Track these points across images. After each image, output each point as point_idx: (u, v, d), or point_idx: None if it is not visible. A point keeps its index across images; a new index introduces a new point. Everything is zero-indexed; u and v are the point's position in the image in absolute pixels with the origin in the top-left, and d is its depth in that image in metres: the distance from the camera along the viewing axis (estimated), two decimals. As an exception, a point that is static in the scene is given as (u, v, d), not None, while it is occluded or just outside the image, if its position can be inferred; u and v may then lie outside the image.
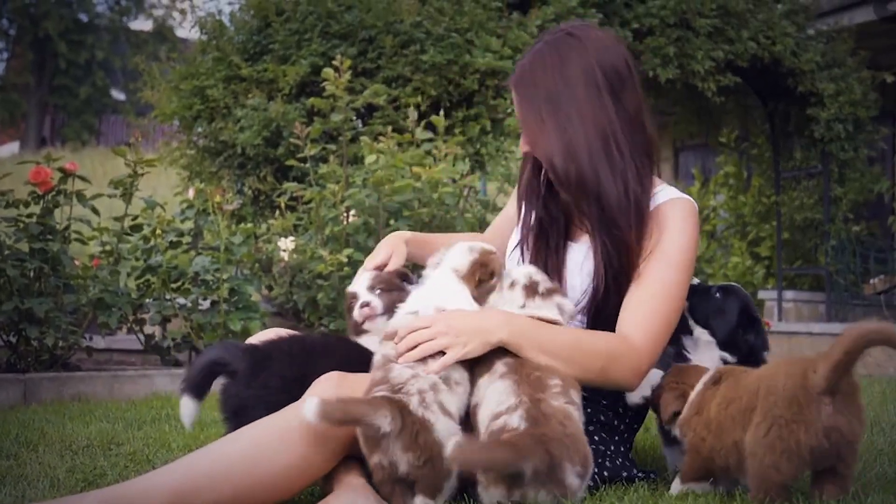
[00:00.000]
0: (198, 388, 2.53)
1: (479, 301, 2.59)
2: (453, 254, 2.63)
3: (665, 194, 2.74)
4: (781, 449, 2.19)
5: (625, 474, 2.64)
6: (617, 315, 2.62)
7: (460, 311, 2.48)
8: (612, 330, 2.61)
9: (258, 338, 2.73)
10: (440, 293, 2.57)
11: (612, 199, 2.61)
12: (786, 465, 2.19)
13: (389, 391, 2.32)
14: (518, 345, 2.43)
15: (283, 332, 2.75)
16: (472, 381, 2.44)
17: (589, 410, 2.64)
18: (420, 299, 2.58)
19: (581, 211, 2.68)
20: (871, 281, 10.21)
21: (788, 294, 10.03)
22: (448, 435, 2.27)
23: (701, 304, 2.76)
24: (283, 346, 2.62)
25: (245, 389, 2.51)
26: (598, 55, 2.66)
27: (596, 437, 2.64)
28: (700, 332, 2.77)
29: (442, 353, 2.39)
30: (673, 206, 2.70)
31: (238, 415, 2.48)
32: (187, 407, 2.51)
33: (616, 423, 2.73)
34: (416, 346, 2.38)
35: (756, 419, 2.25)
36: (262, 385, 2.51)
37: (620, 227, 2.61)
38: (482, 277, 2.59)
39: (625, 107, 2.66)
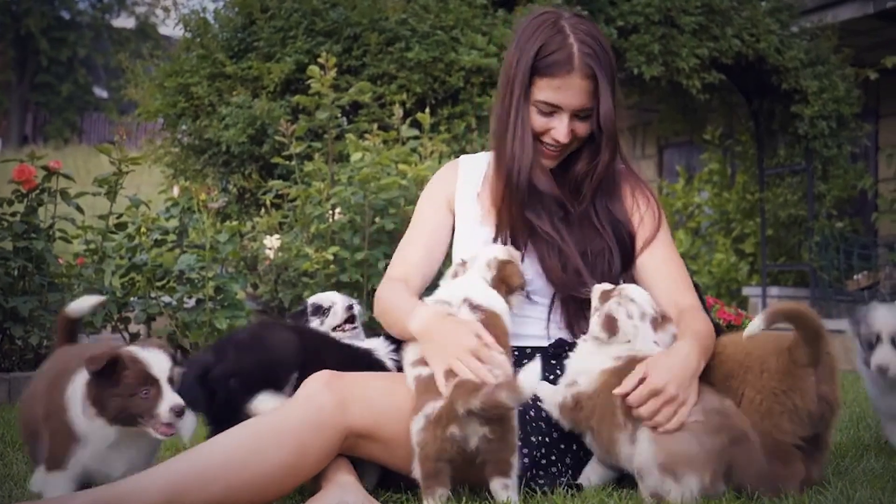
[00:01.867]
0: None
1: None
2: (478, 266, 2.68)
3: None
4: (780, 411, 2.44)
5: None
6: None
7: (668, 361, 2.48)
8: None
9: None
10: (470, 288, 2.63)
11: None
12: (787, 424, 2.43)
13: None
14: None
15: None
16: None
17: None
18: (449, 291, 2.65)
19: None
20: (855, 277, 10.26)
21: (773, 290, 10.06)
22: None
23: None
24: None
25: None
26: None
27: (575, 445, 2.65)
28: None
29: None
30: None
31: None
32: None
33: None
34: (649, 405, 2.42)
35: (749, 393, 2.49)
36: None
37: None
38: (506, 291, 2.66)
39: None
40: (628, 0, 8.49)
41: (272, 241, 6.87)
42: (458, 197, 2.97)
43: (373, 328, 3.22)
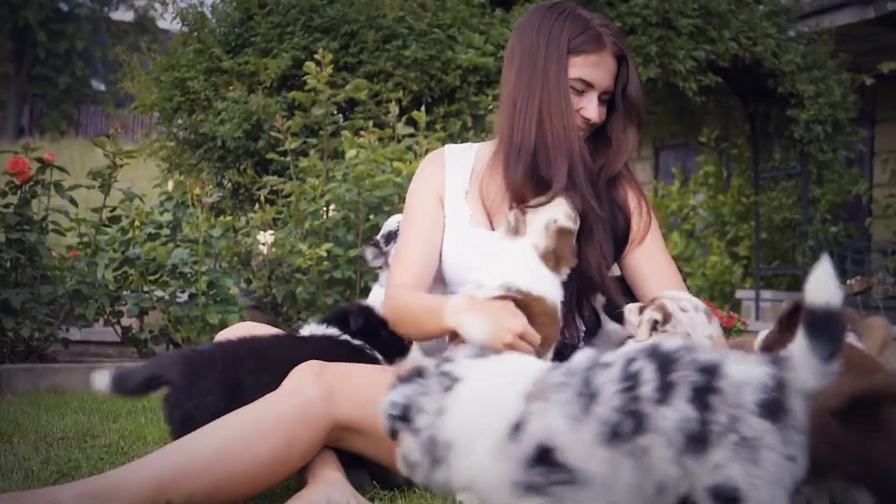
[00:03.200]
0: (129, 390, 2.55)
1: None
2: (534, 229, 2.53)
3: None
4: None
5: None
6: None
7: None
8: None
9: (232, 331, 2.72)
10: (514, 268, 2.50)
11: None
12: None
13: None
14: None
15: (257, 326, 2.74)
16: None
17: None
18: (489, 270, 2.53)
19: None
20: (848, 282, 10.27)
21: (766, 294, 10.08)
22: None
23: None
24: (222, 351, 2.55)
25: (186, 399, 2.46)
26: None
27: None
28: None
29: None
30: None
31: (184, 424, 2.41)
32: (103, 381, 2.58)
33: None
34: None
35: None
36: (203, 392, 2.45)
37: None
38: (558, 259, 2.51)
39: None
40: (625, 2, 8.50)
41: (266, 237, 6.87)
42: (448, 191, 2.91)
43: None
